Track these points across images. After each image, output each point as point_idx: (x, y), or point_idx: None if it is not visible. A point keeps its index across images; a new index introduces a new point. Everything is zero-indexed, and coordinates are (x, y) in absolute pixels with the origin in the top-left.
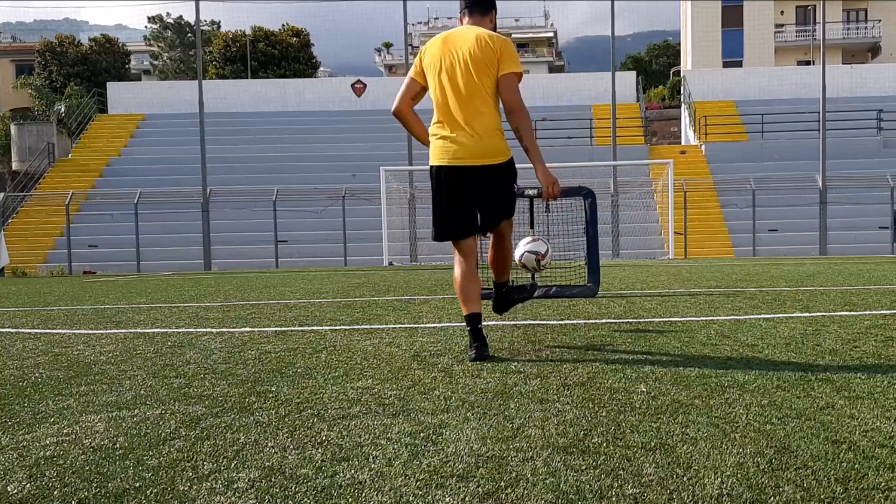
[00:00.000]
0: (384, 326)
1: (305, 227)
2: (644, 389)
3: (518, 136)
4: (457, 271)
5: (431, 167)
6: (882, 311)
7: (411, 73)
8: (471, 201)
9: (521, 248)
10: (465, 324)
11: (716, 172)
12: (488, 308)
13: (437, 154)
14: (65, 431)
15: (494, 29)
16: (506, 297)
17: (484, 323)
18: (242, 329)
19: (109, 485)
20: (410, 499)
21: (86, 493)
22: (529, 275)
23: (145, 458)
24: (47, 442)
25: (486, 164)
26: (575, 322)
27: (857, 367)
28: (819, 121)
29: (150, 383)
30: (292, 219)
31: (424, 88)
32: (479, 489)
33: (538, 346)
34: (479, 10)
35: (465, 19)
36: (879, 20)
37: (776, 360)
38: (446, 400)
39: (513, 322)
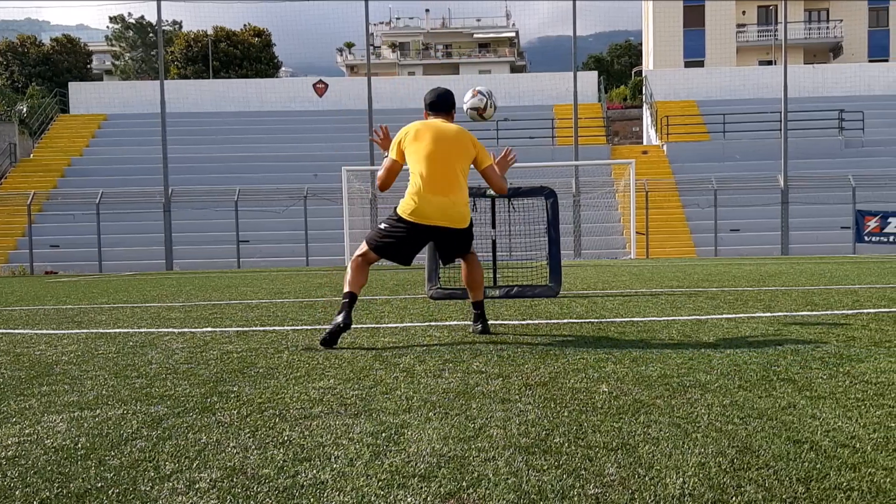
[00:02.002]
0: None
1: (267, 227)
2: (606, 389)
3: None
4: (359, 261)
5: (402, 218)
6: (844, 311)
7: (393, 155)
8: (422, 247)
9: (466, 105)
10: (343, 298)
11: (677, 172)
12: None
13: (416, 212)
14: (26, 432)
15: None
16: (483, 315)
17: (448, 322)
18: (204, 329)
19: (71, 485)
20: (372, 499)
21: (47, 494)
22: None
23: (107, 458)
24: (9, 442)
25: (458, 228)
26: (537, 322)
27: (819, 367)
28: (781, 121)
29: (112, 383)
30: (254, 219)
31: (402, 166)
32: (441, 489)
33: (500, 346)
34: (445, 109)
35: (432, 116)
36: (841, 20)
37: (738, 360)
38: (408, 400)
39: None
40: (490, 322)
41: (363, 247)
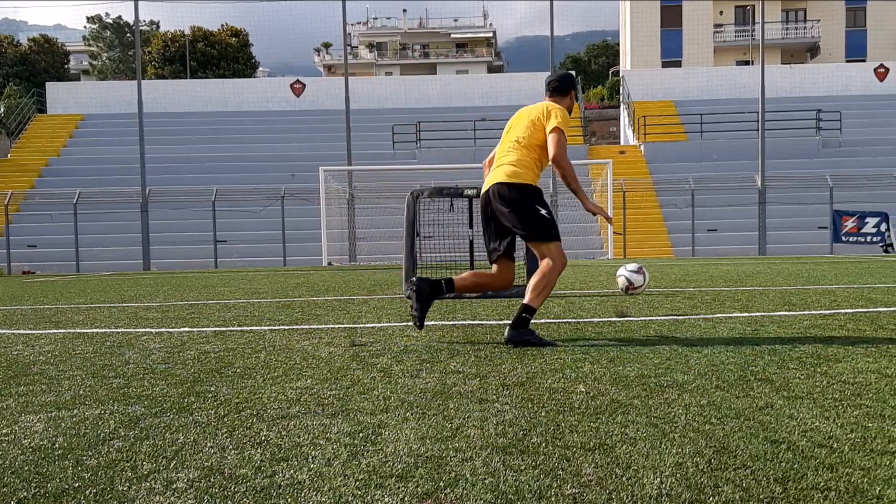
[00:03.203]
0: (323, 326)
1: (245, 227)
2: (583, 389)
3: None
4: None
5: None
6: (821, 311)
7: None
8: None
9: (626, 275)
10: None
11: (655, 172)
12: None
13: None
14: (3, 432)
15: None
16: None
17: (426, 322)
18: (181, 329)
19: (48, 485)
20: (350, 499)
21: (25, 494)
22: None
23: (84, 458)
24: None
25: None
26: None
27: (796, 367)
28: (758, 121)
29: (90, 383)
30: (231, 219)
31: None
32: (419, 489)
33: (477, 346)
34: (548, 91)
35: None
36: (818, 20)
37: (715, 361)
38: (385, 400)
39: (452, 322)
40: (467, 322)
41: (557, 244)
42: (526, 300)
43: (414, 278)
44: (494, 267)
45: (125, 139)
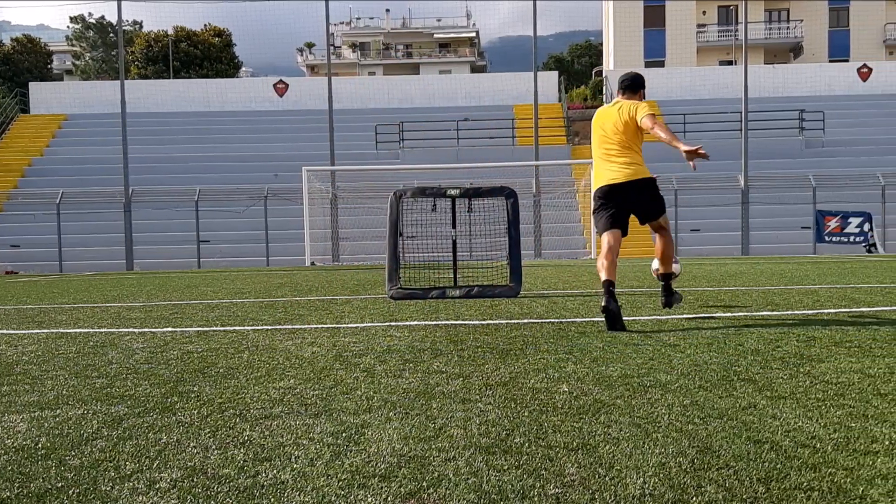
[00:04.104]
0: (306, 326)
1: (227, 227)
2: (566, 389)
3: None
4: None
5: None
6: (804, 311)
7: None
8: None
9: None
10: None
11: None
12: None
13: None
14: None
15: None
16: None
17: (409, 322)
18: (164, 329)
19: (31, 485)
20: (333, 499)
21: (8, 494)
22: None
23: (67, 458)
24: None
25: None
26: (497, 322)
27: (779, 367)
28: (741, 121)
29: (73, 383)
30: (214, 219)
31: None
32: (402, 489)
33: (460, 347)
34: (621, 89)
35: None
36: (801, 20)
37: (698, 360)
38: (368, 400)
39: (435, 322)
40: (450, 322)
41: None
42: (664, 270)
43: (603, 303)
44: (608, 237)
45: (108, 139)
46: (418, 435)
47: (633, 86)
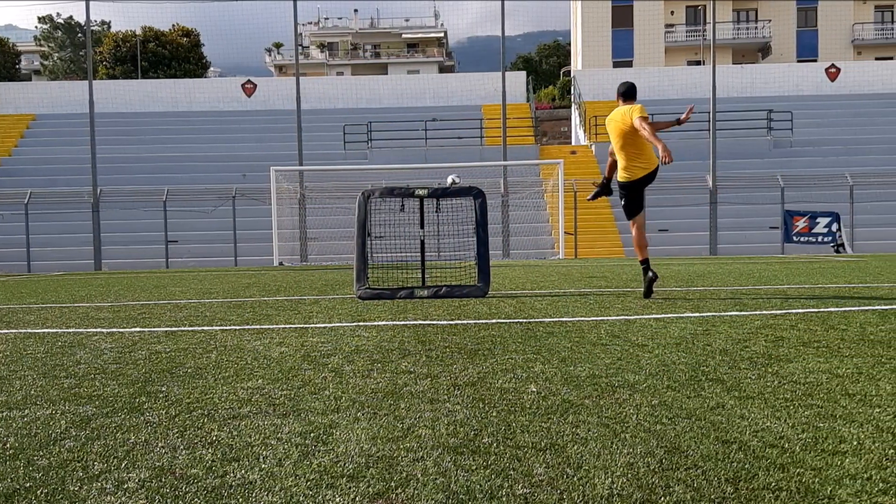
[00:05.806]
0: (274, 326)
1: (196, 227)
2: (534, 390)
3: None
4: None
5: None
6: (772, 312)
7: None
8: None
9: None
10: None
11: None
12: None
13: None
14: None
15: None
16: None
17: (377, 322)
18: (133, 329)
19: None
20: (301, 499)
21: None
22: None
23: (35, 458)
24: None
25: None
26: (465, 322)
27: (748, 367)
28: (709, 121)
29: (41, 383)
30: (183, 219)
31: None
32: (370, 489)
33: (428, 347)
34: (621, 96)
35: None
36: (770, 20)
37: (667, 361)
38: (336, 400)
39: (403, 322)
40: (418, 322)
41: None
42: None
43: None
44: (638, 220)
45: (76, 139)
46: (386, 435)
47: (628, 93)
